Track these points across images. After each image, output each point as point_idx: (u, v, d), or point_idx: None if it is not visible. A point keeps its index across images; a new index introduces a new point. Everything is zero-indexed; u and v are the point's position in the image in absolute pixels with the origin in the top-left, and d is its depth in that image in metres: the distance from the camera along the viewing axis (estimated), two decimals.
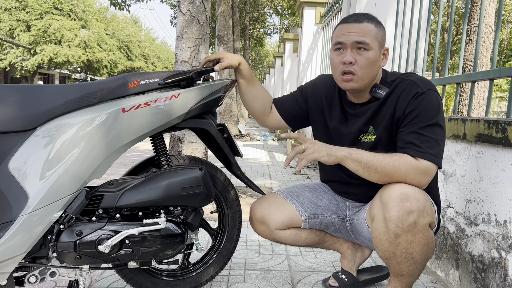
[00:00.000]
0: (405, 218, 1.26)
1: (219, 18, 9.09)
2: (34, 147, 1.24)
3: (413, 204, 1.26)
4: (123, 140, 1.33)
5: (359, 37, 1.34)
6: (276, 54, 14.87)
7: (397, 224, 1.26)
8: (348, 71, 1.37)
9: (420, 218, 1.27)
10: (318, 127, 1.64)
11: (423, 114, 1.32)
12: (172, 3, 19.66)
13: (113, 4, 10.20)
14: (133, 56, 28.67)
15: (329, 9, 5.60)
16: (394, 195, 1.27)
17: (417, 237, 1.29)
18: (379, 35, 1.37)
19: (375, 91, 1.43)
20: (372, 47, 1.35)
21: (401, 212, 1.25)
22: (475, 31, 6.27)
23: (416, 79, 1.39)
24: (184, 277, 1.65)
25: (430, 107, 1.32)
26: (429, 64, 18.45)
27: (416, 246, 1.30)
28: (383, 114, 1.42)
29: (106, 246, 1.33)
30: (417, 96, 1.34)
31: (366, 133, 1.47)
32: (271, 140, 9.72)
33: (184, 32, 2.87)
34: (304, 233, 1.62)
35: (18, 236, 1.21)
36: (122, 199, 1.36)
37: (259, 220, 1.61)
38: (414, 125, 1.32)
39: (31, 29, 21.10)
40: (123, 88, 1.34)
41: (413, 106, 1.33)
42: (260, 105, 1.66)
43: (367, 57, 1.35)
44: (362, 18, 1.37)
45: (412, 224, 1.26)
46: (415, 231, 1.28)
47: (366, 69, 1.36)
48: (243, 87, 1.63)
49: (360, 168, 1.33)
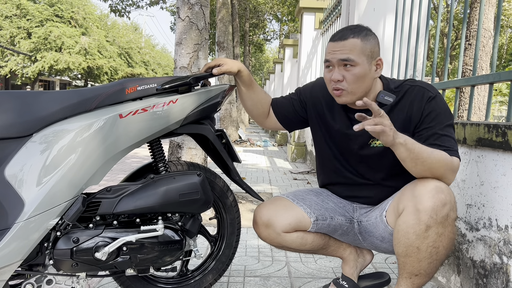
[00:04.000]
0: (439, 209, 1.28)
1: (219, 24, 9.13)
2: (30, 154, 1.23)
3: (447, 197, 1.30)
4: (121, 146, 1.32)
5: (343, 54, 1.37)
6: (276, 60, 14.89)
7: (431, 215, 1.29)
8: (337, 88, 1.42)
9: (452, 212, 1.31)
10: (318, 130, 1.63)
11: (440, 116, 1.38)
12: (172, 10, 19.75)
13: (114, 11, 10.25)
14: (134, 62, 28.75)
15: (328, 15, 5.61)
16: (430, 187, 1.30)
17: (447, 230, 1.31)
18: (366, 48, 1.39)
19: (382, 98, 1.44)
20: (358, 63, 1.37)
21: (437, 203, 1.28)
22: (474, 36, 6.28)
23: (423, 85, 1.44)
24: (182, 284, 1.63)
25: (445, 109, 1.40)
26: (429, 69, 18.48)
27: (444, 239, 1.32)
28: (393, 120, 1.41)
29: (103, 253, 1.31)
30: (430, 100, 1.40)
31: (376, 138, 1.47)
32: (271, 146, 9.71)
33: (183, 38, 2.88)
34: (310, 236, 1.60)
35: (14, 244, 1.20)
36: (120, 206, 1.34)
37: (264, 223, 1.56)
38: (435, 126, 1.37)
39: (32, 36, 21.19)
40: (120, 94, 1.33)
41: (430, 109, 1.39)
42: (260, 109, 1.67)
43: (354, 73, 1.38)
44: (347, 35, 1.39)
45: (445, 216, 1.29)
46: (446, 224, 1.31)
47: (355, 84, 1.40)
48: (243, 93, 1.63)
49: (409, 157, 1.31)
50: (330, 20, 5.48)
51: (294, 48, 9.53)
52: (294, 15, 16.56)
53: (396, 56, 3.01)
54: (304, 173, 5.47)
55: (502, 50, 23.73)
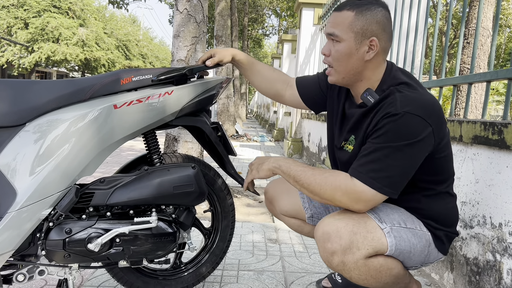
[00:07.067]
0: (330, 260, 1.21)
1: (217, 18, 9.08)
2: (23, 143, 1.22)
3: (334, 244, 1.18)
4: (115, 137, 1.31)
5: (330, 27, 1.26)
6: (274, 55, 14.86)
7: (327, 265, 1.24)
8: (325, 61, 1.31)
9: (347, 256, 1.18)
10: (327, 121, 1.54)
11: (385, 136, 1.16)
12: (170, 2, 19.63)
13: (112, 3, 10.17)
14: (131, 55, 28.61)
15: (328, 10, 5.59)
16: (318, 235, 1.23)
17: (353, 274, 1.21)
18: (356, 24, 1.21)
19: (366, 96, 1.28)
20: (343, 39, 1.23)
21: (325, 254, 1.21)
22: (473, 34, 6.28)
23: (400, 98, 1.18)
24: (176, 277, 1.63)
25: (398, 130, 1.14)
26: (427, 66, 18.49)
27: (358, 281, 1.23)
28: (362, 125, 1.28)
29: (96, 244, 1.31)
30: (389, 116, 1.16)
31: (347, 142, 1.35)
32: (268, 141, 9.70)
33: (181, 30, 2.85)
34: (307, 227, 1.60)
35: (6, 233, 1.19)
36: (113, 197, 1.34)
37: (269, 199, 1.64)
38: (373, 144, 1.18)
39: (29, 26, 21.03)
40: (115, 84, 1.32)
41: (382, 124, 1.17)
42: (271, 87, 1.59)
43: (337, 49, 1.25)
44: (343, 6, 1.25)
45: (340, 264, 1.20)
46: (347, 270, 1.21)
47: (339, 62, 1.26)
48: (249, 76, 1.59)
49: (291, 181, 1.29)
50: (329, 15, 5.46)
51: (293, 43, 9.50)
52: (293, 10, 16.51)
53: (394, 53, 3.01)
54: None
55: (500, 49, 23.76)
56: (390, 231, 1.23)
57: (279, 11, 21.32)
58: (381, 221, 1.24)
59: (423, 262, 1.34)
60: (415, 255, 1.29)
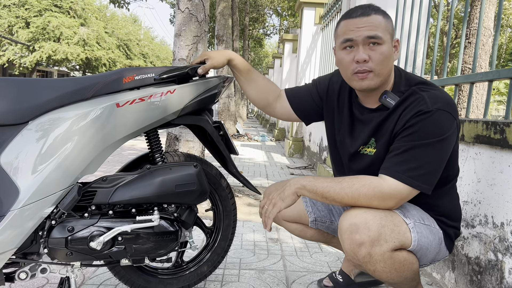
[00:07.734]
0: (357, 251, 1.20)
1: (219, 18, 9.08)
2: (26, 141, 1.22)
3: (363, 235, 1.18)
4: (117, 136, 1.31)
5: (370, 31, 1.21)
6: (275, 55, 14.86)
7: (352, 257, 1.23)
8: (363, 70, 1.24)
9: (375, 247, 1.18)
10: (328, 130, 1.54)
11: (418, 133, 1.18)
12: (171, 2, 19.63)
13: (113, 2, 10.18)
14: (132, 54, 28.62)
15: (329, 10, 5.58)
16: (344, 227, 1.22)
17: (378, 267, 1.22)
18: (389, 26, 1.25)
19: (385, 99, 1.29)
20: (385, 41, 1.22)
21: (352, 246, 1.20)
22: (474, 34, 6.27)
23: (428, 96, 1.22)
24: (177, 275, 1.63)
25: (431, 126, 1.18)
26: (428, 66, 18.47)
27: (381, 274, 1.23)
28: (387, 126, 1.29)
29: (98, 242, 1.31)
30: (420, 114, 1.19)
31: (367, 145, 1.35)
32: (268, 141, 9.70)
33: (183, 29, 2.86)
34: (310, 231, 1.60)
35: (8, 231, 1.19)
36: (115, 196, 1.34)
37: None
38: (405, 142, 1.20)
39: (30, 26, 21.03)
40: (117, 83, 1.32)
41: (412, 123, 1.20)
42: (264, 99, 1.56)
43: (381, 52, 1.22)
44: (369, 11, 1.23)
45: (366, 256, 1.20)
46: (373, 262, 1.21)
47: (382, 65, 1.23)
48: (242, 82, 1.55)
49: (318, 198, 1.26)
50: (330, 15, 5.46)
51: (294, 43, 9.50)
52: (294, 10, 16.49)
53: None
54: (301, 168, 5.46)
55: (502, 49, 23.72)
56: (414, 227, 1.26)
57: (280, 10, 21.30)
58: (406, 216, 1.26)
59: (433, 260, 1.36)
60: (430, 252, 1.31)
